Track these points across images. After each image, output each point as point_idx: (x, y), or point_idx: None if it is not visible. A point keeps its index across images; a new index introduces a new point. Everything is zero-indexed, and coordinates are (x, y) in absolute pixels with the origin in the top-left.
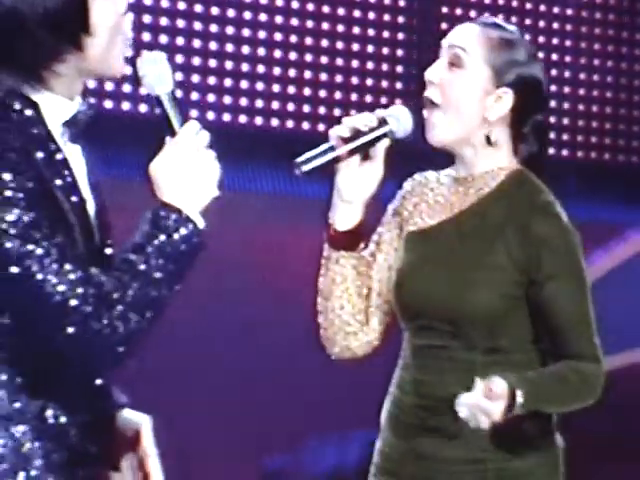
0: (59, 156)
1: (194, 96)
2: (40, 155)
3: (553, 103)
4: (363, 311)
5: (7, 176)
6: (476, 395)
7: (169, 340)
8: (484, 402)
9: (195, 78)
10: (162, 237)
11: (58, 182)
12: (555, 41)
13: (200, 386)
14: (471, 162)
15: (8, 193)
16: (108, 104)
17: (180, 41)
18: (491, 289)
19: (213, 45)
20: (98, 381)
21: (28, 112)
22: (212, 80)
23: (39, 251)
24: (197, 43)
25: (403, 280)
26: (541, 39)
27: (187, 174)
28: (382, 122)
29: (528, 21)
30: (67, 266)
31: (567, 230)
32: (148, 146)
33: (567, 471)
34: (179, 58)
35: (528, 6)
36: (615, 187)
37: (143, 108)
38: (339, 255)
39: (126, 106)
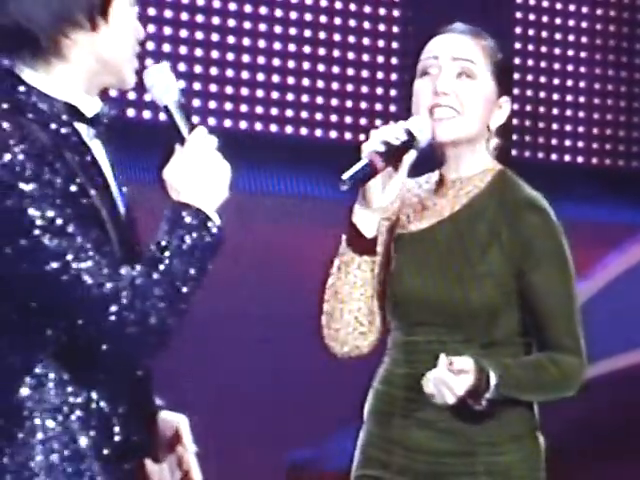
0: (88, 156)
1: (195, 102)
2: (70, 154)
3: (569, 112)
4: (372, 312)
5: (44, 175)
6: (440, 369)
7: (193, 338)
8: (447, 376)
9: (197, 86)
10: (184, 234)
11: (90, 181)
12: (558, 51)
13: (224, 383)
14: (465, 165)
15: (46, 191)
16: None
17: (183, 50)
18: (489, 284)
19: (215, 54)
20: (138, 372)
21: (55, 110)
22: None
23: (76, 246)
24: (199, 52)
25: (401, 280)
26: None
27: (201, 176)
28: (408, 134)
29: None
30: (102, 261)
31: (552, 223)
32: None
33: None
34: (182, 66)
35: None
36: (630, 191)
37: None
38: (362, 260)
39: (131, 112)
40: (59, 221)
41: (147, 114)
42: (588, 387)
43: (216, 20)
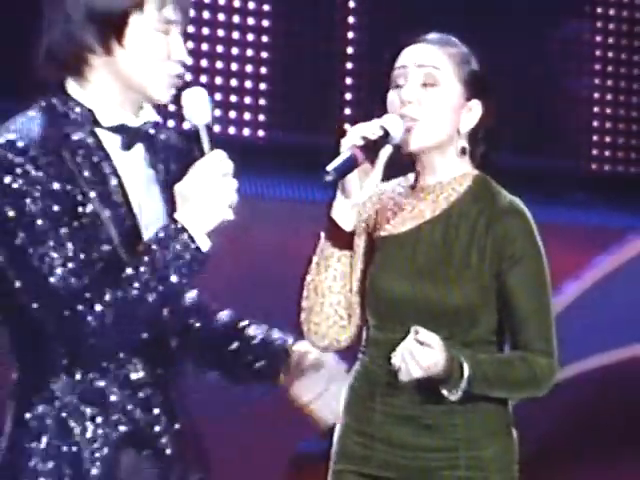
0: (102, 161)
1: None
2: (70, 155)
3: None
4: (351, 306)
5: (39, 175)
6: (407, 340)
7: None
8: (413, 346)
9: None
10: (156, 248)
11: (93, 184)
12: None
13: None
14: (440, 170)
15: (24, 185)
16: None
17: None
18: (470, 285)
19: (219, 64)
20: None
21: (73, 115)
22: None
23: (44, 241)
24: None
25: (385, 280)
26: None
27: (203, 197)
28: (384, 130)
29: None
30: (69, 257)
31: (531, 227)
32: None
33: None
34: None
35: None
36: (619, 195)
37: None
38: (341, 254)
39: None
40: (30, 215)
41: None
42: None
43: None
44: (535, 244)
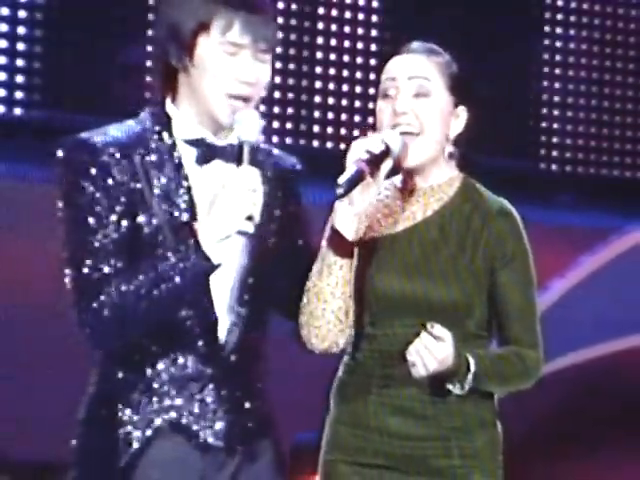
0: (168, 166)
1: None
2: (148, 164)
3: (556, 125)
4: (348, 310)
5: (105, 173)
6: (422, 336)
7: None
8: (428, 340)
9: None
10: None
11: (152, 185)
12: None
13: None
14: (431, 175)
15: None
16: None
17: None
18: (467, 281)
19: None
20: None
21: (157, 126)
22: None
23: (82, 225)
24: None
25: (382, 279)
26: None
27: (224, 206)
28: (385, 144)
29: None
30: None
31: (520, 228)
32: None
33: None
34: None
35: None
36: (600, 197)
37: None
38: (343, 262)
39: None
40: (83, 207)
41: None
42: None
43: None
44: (524, 245)
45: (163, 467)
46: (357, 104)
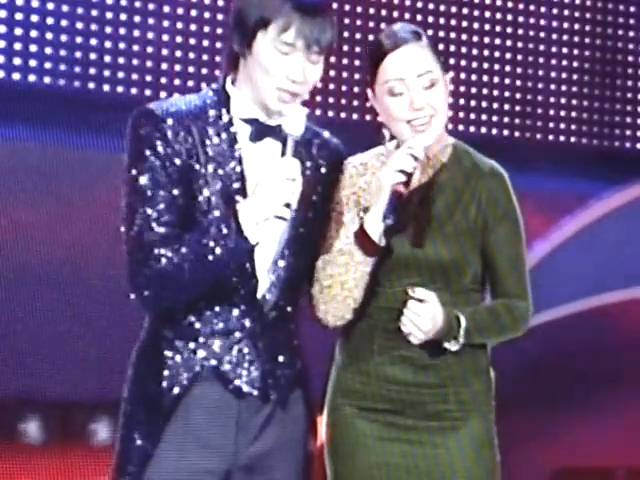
0: (224, 138)
1: None
2: (205, 136)
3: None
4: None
5: (163, 142)
6: (409, 304)
7: None
8: (414, 305)
9: None
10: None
11: (212, 159)
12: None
13: None
14: (431, 146)
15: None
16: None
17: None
18: (464, 239)
19: None
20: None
21: (217, 103)
22: None
23: (141, 194)
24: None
25: (388, 243)
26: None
27: (264, 192)
28: (414, 158)
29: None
30: (154, 213)
31: (509, 188)
32: None
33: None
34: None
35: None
36: (581, 165)
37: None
38: (370, 260)
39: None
40: (142, 171)
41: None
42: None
43: None
44: (514, 203)
45: (202, 411)
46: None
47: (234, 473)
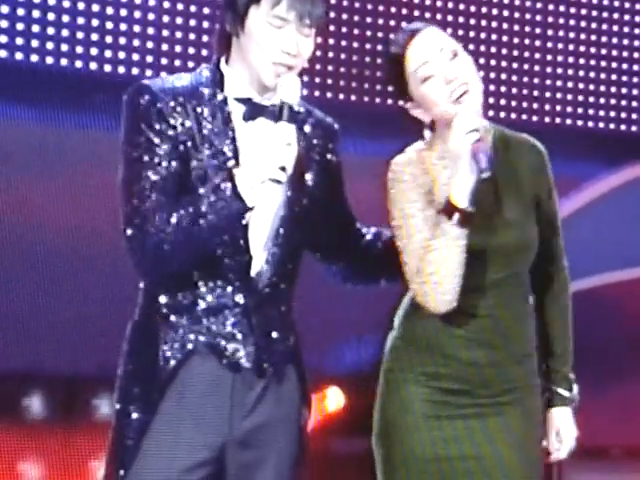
0: (218, 116)
1: None
2: (200, 112)
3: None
4: None
5: (160, 117)
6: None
7: None
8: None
9: None
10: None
11: (207, 135)
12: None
13: None
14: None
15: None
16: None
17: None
18: (528, 221)
19: None
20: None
21: (211, 82)
22: None
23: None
24: None
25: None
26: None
27: (261, 156)
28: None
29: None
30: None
31: (548, 158)
32: None
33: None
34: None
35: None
36: (576, 147)
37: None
38: (465, 232)
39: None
40: (139, 146)
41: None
42: None
43: None
44: (553, 177)
45: (197, 386)
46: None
47: (229, 447)
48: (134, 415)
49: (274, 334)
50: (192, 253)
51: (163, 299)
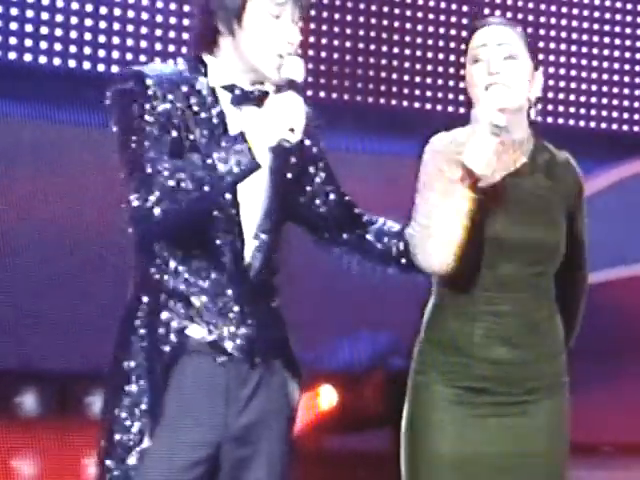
0: (207, 101)
1: None
2: (181, 93)
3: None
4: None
5: (153, 103)
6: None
7: None
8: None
9: None
10: (219, 153)
11: (199, 121)
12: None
13: None
14: (515, 130)
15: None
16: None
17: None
18: (560, 224)
19: None
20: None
21: (197, 71)
22: None
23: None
24: None
25: (496, 225)
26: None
27: (271, 117)
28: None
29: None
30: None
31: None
32: None
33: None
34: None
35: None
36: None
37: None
38: (472, 197)
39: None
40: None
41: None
42: None
43: None
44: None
45: (190, 381)
46: None
47: (224, 445)
48: (123, 414)
49: (265, 324)
50: (197, 217)
51: (153, 291)
